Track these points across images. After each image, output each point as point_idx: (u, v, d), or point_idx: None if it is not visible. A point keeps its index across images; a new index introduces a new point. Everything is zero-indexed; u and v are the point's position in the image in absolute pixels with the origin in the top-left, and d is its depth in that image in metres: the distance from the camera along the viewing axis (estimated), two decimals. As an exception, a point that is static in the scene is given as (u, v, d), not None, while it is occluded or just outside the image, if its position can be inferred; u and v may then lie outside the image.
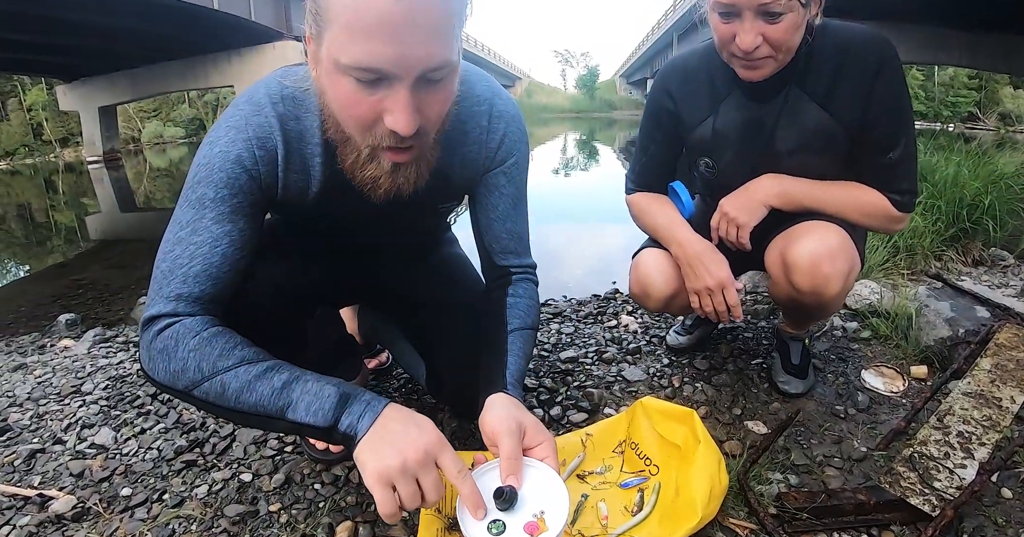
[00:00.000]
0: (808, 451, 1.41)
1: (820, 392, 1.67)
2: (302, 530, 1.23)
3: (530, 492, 0.94)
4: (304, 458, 1.44)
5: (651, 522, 1.15)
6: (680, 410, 1.25)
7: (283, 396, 0.87)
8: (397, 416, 0.88)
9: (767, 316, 2.21)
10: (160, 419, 1.70)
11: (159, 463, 1.50)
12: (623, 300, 2.56)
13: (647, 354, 1.99)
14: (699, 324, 1.97)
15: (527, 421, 0.99)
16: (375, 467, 0.82)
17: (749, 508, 1.20)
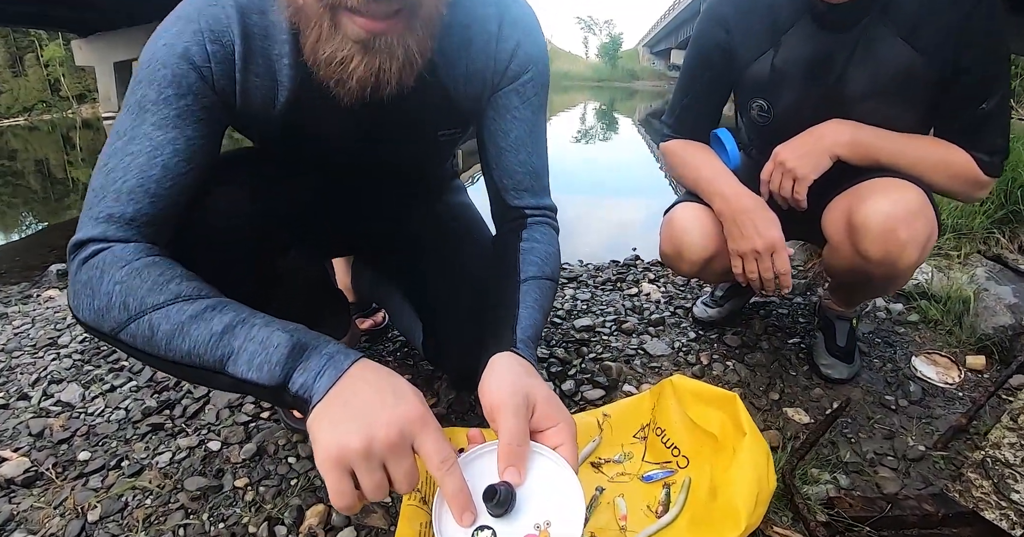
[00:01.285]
0: (857, 447, 1.25)
1: (867, 379, 1.50)
2: (268, 511, 1.06)
3: (534, 492, 0.70)
4: (280, 427, 1.27)
5: (679, 527, 0.97)
6: (719, 393, 1.06)
7: (223, 343, 0.67)
8: (368, 377, 0.67)
9: (803, 292, 2.02)
10: (133, 376, 1.55)
11: (124, 425, 1.35)
12: (644, 267, 2.37)
13: (671, 326, 1.80)
14: (730, 296, 1.79)
15: (538, 393, 0.75)
16: (328, 446, 0.61)
17: (795, 513, 1.02)
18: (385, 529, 1.02)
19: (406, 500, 0.93)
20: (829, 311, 1.53)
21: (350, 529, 1.02)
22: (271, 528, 1.02)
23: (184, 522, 1.06)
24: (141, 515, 1.08)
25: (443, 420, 1.28)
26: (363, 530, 1.02)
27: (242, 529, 1.03)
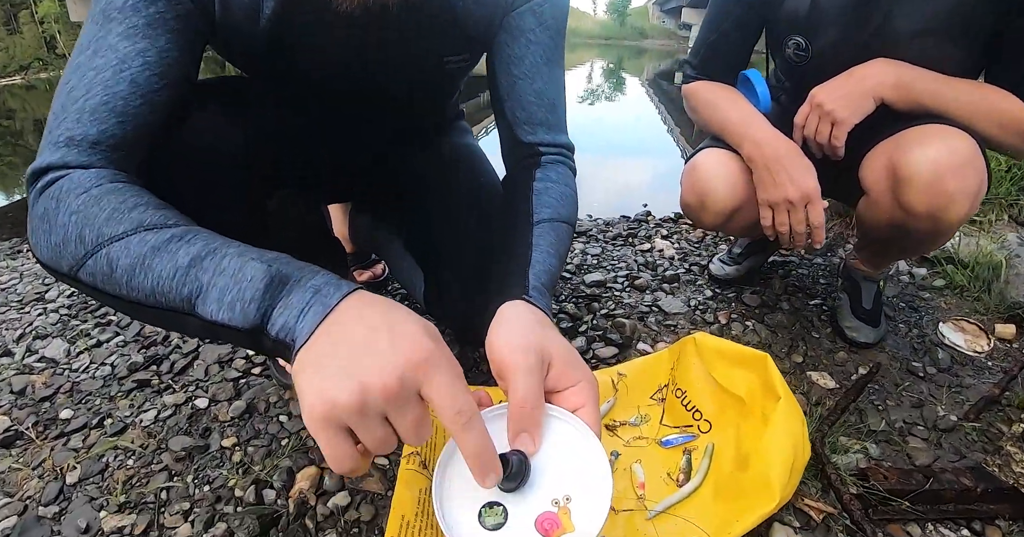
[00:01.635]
0: (885, 414, 1.17)
1: (892, 344, 1.42)
2: (256, 473, 0.99)
3: (551, 463, 0.60)
4: (272, 383, 1.19)
5: (703, 496, 0.89)
6: (748, 352, 0.97)
7: (190, 279, 0.56)
8: (363, 313, 0.53)
9: (824, 252, 1.93)
10: (120, 331, 1.48)
11: (109, 381, 1.27)
12: (656, 224, 2.27)
13: (687, 283, 1.72)
14: (749, 253, 1.69)
15: (554, 347, 0.64)
16: (313, 403, 0.49)
17: (826, 485, 0.94)
18: (382, 494, 0.95)
19: (404, 464, 0.85)
20: (855, 272, 1.44)
21: (344, 494, 0.94)
22: (259, 491, 0.95)
23: (167, 484, 0.99)
24: (122, 477, 1.01)
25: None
26: (358, 495, 0.95)
27: (228, 492, 0.96)
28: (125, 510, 0.95)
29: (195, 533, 0.90)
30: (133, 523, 0.93)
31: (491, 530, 0.56)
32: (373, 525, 0.91)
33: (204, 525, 0.91)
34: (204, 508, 0.94)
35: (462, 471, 0.57)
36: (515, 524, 0.57)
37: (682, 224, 2.20)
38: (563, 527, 0.56)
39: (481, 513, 0.57)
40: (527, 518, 0.57)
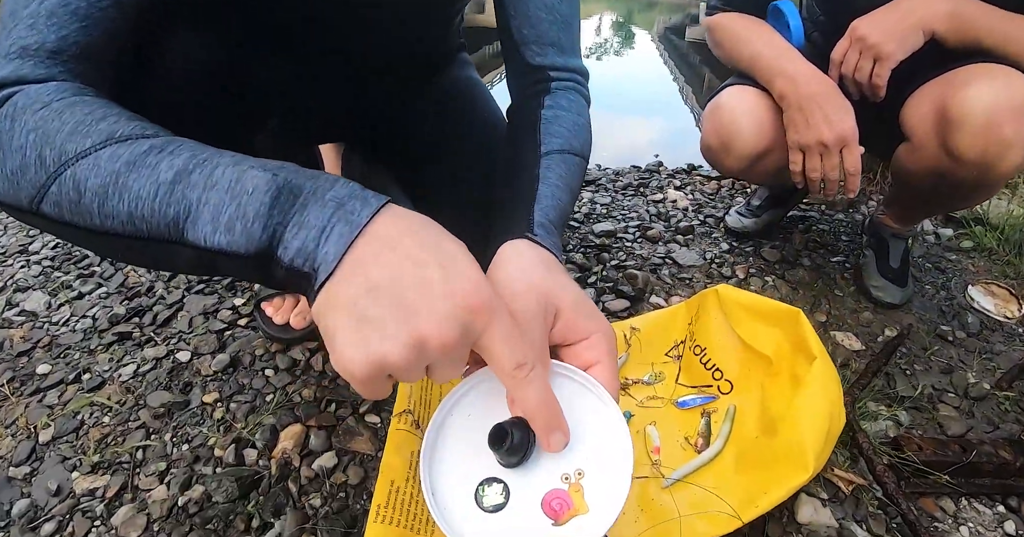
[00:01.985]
0: (913, 380, 1.10)
1: (919, 306, 1.33)
2: (238, 431, 0.91)
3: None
4: (258, 335, 1.11)
5: (724, 464, 0.81)
6: (777, 307, 0.88)
7: (176, 197, 0.43)
8: (405, 239, 0.42)
9: (845, 208, 1.83)
10: (103, 282, 1.40)
11: (90, 335, 1.20)
12: (668, 175, 2.16)
13: (702, 236, 1.62)
14: (769, 206, 1.59)
15: (564, 293, 0.52)
16: (357, 362, 0.39)
17: (856, 452, 0.87)
18: (372, 455, 0.87)
19: (395, 424, 0.77)
20: (883, 228, 1.35)
21: (330, 454, 0.87)
22: (239, 451, 0.88)
23: (143, 443, 0.92)
24: (97, 435, 0.94)
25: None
26: (346, 456, 0.87)
27: (207, 452, 0.89)
28: (99, 470, 0.89)
29: (171, 496, 0.83)
30: (106, 485, 0.86)
31: (490, 512, 0.46)
32: (361, 489, 0.83)
33: (180, 487, 0.84)
34: (181, 469, 0.87)
35: (457, 439, 0.49)
36: (518, 505, 0.46)
37: (696, 176, 2.10)
38: (575, 508, 0.46)
39: (478, 491, 0.47)
40: (532, 497, 0.47)
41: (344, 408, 0.96)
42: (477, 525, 0.46)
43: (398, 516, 0.70)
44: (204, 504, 0.82)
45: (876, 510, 0.83)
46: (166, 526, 0.80)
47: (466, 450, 0.48)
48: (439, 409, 0.50)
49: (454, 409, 0.50)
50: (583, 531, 0.45)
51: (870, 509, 0.83)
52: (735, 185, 1.96)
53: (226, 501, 0.81)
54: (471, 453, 0.48)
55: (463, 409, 0.50)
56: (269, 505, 0.81)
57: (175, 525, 0.80)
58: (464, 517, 0.46)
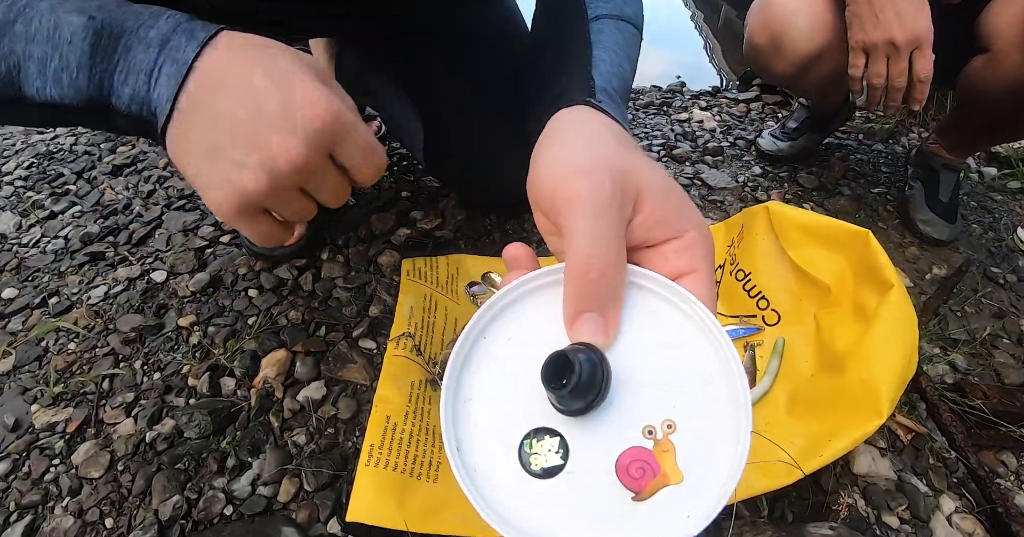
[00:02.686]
0: (965, 322, 1.00)
1: (967, 245, 1.21)
2: (215, 357, 0.79)
3: (642, 366, 0.34)
4: (242, 253, 0.98)
5: (775, 405, 0.70)
6: (841, 227, 0.77)
7: (3, 51, 0.41)
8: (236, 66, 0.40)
9: (885, 138, 1.69)
10: (77, 201, 1.27)
11: (61, 256, 1.08)
12: (692, 96, 1.99)
13: (732, 158, 1.49)
14: (806, 129, 1.46)
15: (647, 174, 0.37)
16: (219, 199, 0.40)
17: (919, 397, 0.78)
18: (366, 386, 0.75)
19: (391, 349, 0.65)
20: (934, 158, 1.23)
21: (318, 384, 0.75)
22: (215, 381, 0.76)
23: (110, 372, 0.81)
24: (61, 363, 0.83)
25: (450, 247, 0.99)
26: (336, 386, 0.75)
27: (180, 381, 0.78)
28: (61, 402, 0.79)
29: (138, 431, 0.73)
30: (68, 418, 0.76)
31: (539, 477, 0.32)
32: (353, 424, 0.72)
33: (149, 421, 0.73)
34: (151, 401, 0.76)
35: (493, 373, 0.35)
36: (581, 468, 0.32)
37: (722, 98, 1.93)
38: (663, 475, 0.31)
39: (523, 447, 0.33)
40: (602, 459, 0.32)
41: (336, 332, 0.83)
42: (520, 494, 0.32)
43: (394, 459, 0.58)
44: (174, 440, 0.71)
45: (937, 462, 0.74)
46: (131, 465, 0.69)
47: (507, 388, 0.34)
48: (467, 329, 0.35)
49: (489, 329, 0.35)
50: (675, 508, 0.31)
51: (931, 461, 0.74)
52: (765, 108, 1.82)
53: (198, 437, 0.70)
54: (514, 393, 0.34)
55: (501, 329, 0.35)
56: (246, 442, 0.69)
57: (141, 464, 0.69)
58: (502, 482, 0.32)
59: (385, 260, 0.95)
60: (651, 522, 0.30)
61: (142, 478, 0.68)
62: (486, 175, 0.92)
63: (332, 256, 0.97)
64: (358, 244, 0.99)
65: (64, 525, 0.65)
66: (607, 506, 0.31)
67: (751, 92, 1.93)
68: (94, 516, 0.66)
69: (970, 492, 0.71)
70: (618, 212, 0.34)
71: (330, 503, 0.64)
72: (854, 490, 0.70)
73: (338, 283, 0.92)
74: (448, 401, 0.33)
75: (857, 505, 0.68)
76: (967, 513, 0.69)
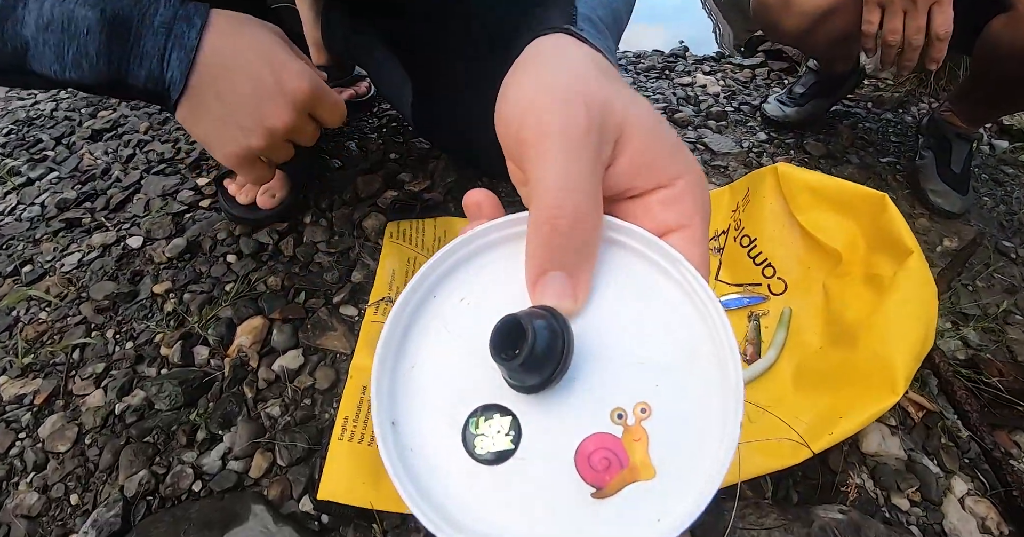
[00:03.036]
0: (976, 296, 0.96)
1: (978, 217, 1.18)
2: (191, 325, 0.75)
3: (615, 336, 0.28)
4: (222, 217, 0.94)
5: (781, 379, 0.66)
6: (856, 190, 0.72)
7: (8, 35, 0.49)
8: (236, 51, 0.54)
9: (895, 107, 1.64)
10: (55, 167, 1.23)
11: (37, 223, 1.04)
12: (695, 61, 1.92)
13: (736, 123, 1.44)
14: (813, 95, 1.41)
15: (632, 109, 0.30)
16: (229, 151, 0.58)
17: (931, 371, 0.74)
18: (346, 355, 0.71)
19: (370, 315, 0.62)
20: (947, 127, 1.18)
21: (295, 353, 0.71)
22: (187, 350, 0.72)
23: (82, 341, 0.77)
24: (32, 333, 0.80)
25: (439, 210, 0.94)
26: (314, 354, 0.71)
27: (152, 350, 0.74)
28: (29, 374, 0.76)
29: (107, 403, 0.69)
30: (36, 390, 0.73)
31: (484, 462, 0.27)
32: (331, 395, 0.68)
33: (118, 392, 0.70)
34: (122, 371, 0.72)
35: (439, 337, 0.29)
36: (534, 455, 0.27)
37: (725, 63, 1.87)
38: (633, 468, 0.26)
39: (468, 426, 0.27)
40: (560, 446, 0.27)
41: (316, 298, 0.79)
42: (460, 481, 0.27)
43: (369, 432, 0.55)
44: (144, 412, 0.67)
45: (948, 442, 0.71)
46: (99, 439, 0.66)
47: (457, 357, 0.29)
48: (412, 285, 0.29)
49: (440, 286, 0.30)
50: (644, 509, 0.25)
51: (943, 440, 0.71)
52: (771, 74, 1.77)
53: (169, 409, 0.66)
54: (465, 363, 0.29)
55: (454, 288, 0.30)
56: (218, 414, 0.65)
57: (109, 437, 0.65)
58: (440, 466, 0.27)
59: (370, 224, 0.90)
60: (613, 524, 0.25)
61: (109, 452, 0.64)
62: (477, 137, 0.88)
63: (315, 220, 0.92)
64: (343, 207, 0.94)
65: (28, 501, 0.62)
66: (562, 502, 0.26)
67: (756, 58, 1.87)
68: (59, 492, 0.62)
69: (983, 474, 0.68)
70: (595, 151, 0.28)
71: (303, 479, 0.60)
72: (862, 470, 0.66)
73: (320, 248, 0.87)
74: (385, 366, 0.28)
75: (865, 486, 0.65)
76: (980, 496, 0.66)
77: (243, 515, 0.53)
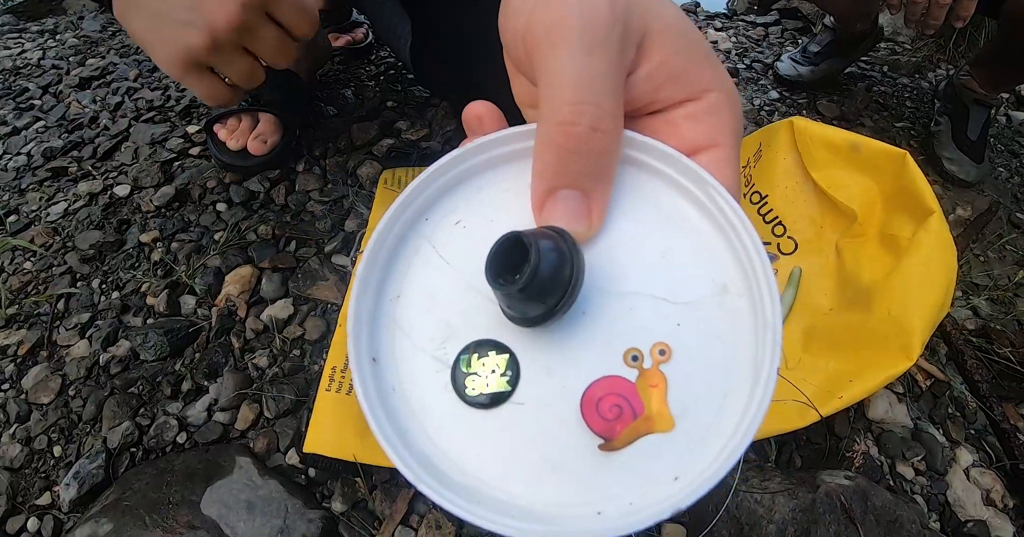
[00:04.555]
0: (988, 267, 0.95)
1: (992, 188, 1.15)
2: (178, 274, 0.72)
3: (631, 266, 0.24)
4: (212, 165, 0.90)
5: (790, 340, 0.65)
6: (876, 147, 0.69)
7: None
8: None
9: (911, 72, 1.61)
10: (42, 115, 1.19)
11: (23, 173, 1.02)
12: (707, 17, 1.88)
13: (748, 81, 1.41)
14: (829, 54, 1.38)
15: (658, 8, 0.25)
16: (165, 54, 0.50)
17: (940, 338, 0.73)
18: (336, 305, 0.69)
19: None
20: (965, 92, 1.15)
21: (285, 302, 0.69)
22: (174, 299, 0.70)
23: (67, 291, 0.75)
24: (16, 283, 0.78)
25: (437, 157, 0.90)
26: (304, 304, 0.69)
27: (138, 300, 0.72)
28: (13, 325, 0.74)
29: (91, 353, 0.67)
30: (20, 341, 0.72)
31: (477, 406, 0.24)
32: (320, 346, 0.66)
33: (103, 343, 0.67)
34: (107, 321, 0.70)
35: (427, 262, 0.26)
36: (534, 399, 0.23)
37: (738, 21, 1.82)
38: (647, 418, 0.22)
39: (458, 364, 0.24)
40: (563, 389, 0.23)
41: (307, 247, 0.76)
42: (448, 426, 0.24)
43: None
44: (129, 363, 0.65)
45: (955, 411, 0.70)
46: (83, 390, 0.64)
47: (445, 286, 0.25)
48: (399, 203, 0.25)
49: (433, 208, 0.26)
50: (658, 466, 0.22)
51: (949, 410, 0.70)
52: (784, 33, 1.72)
53: (154, 359, 0.64)
54: (459, 294, 0.25)
55: (449, 209, 0.26)
56: (204, 365, 0.64)
57: (93, 389, 0.64)
58: (424, 411, 0.24)
59: (365, 172, 0.87)
60: (623, 482, 0.22)
61: (93, 403, 0.62)
62: (479, 82, 0.84)
63: (308, 168, 0.89)
64: (337, 155, 0.91)
65: (11, 453, 0.61)
66: (564, 454, 0.23)
67: (770, 16, 1.82)
68: (42, 444, 0.61)
69: (989, 446, 0.67)
70: (618, 51, 0.24)
71: (291, 432, 0.58)
72: (867, 437, 0.65)
73: (313, 196, 0.84)
74: (364, 294, 0.25)
75: (870, 452, 0.63)
76: (985, 467, 0.65)
77: (227, 467, 0.51)
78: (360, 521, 0.52)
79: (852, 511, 0.46)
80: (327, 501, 0.54)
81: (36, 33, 1.91)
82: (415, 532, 0.51)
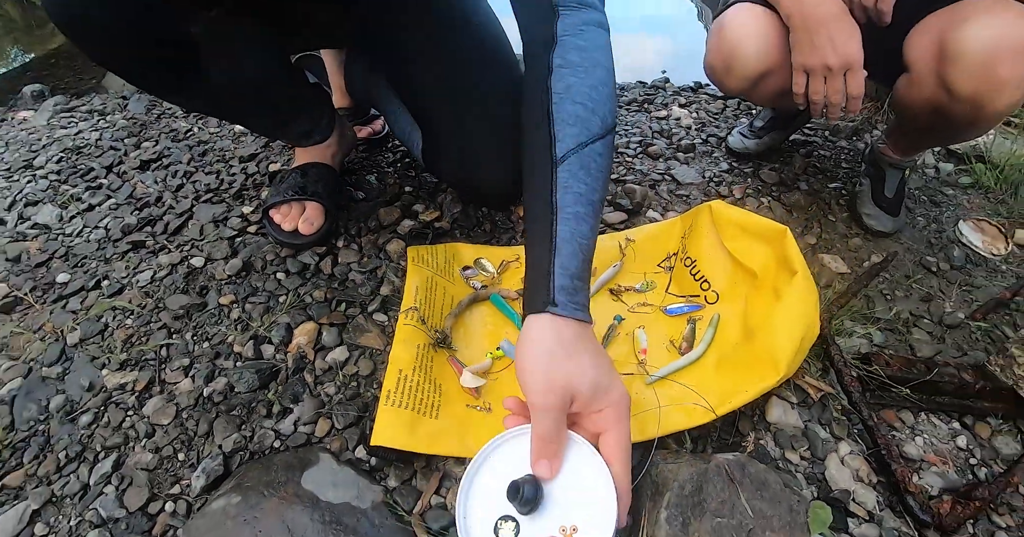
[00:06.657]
0: (893, 304, 1.12)
1: (908, 236, 1.33)
2: (254, 329, 0.97)
3: (566, 490, 0.62)
4: (268, 241, 1.15)
5: (706, 366, 0.87)
6: (767, 224, 0.91)
7: None
8: None
9: (849, 135, 1.80)
10: (112, 194, 1.42)
11: (104, 244, 1.23)
12: (674, 91, 2.11)
13: (703, 155, 1.61)
14: (771, 128, 1.57)
15: (581, 380, 0.62)
16: None
17: (828, 365, 0.92)
18: (380, 350, 0.94)
19: (402, 320, 0.83)
20: (882, 157, 1.33)
21: (342, 349, 0.93)
22: (257, 347, 0.94)
23: (166, 342, 0.97)
24: (122, 336, 0.99)
25: (447, 236, 1.16)
26: (356, 350, 0.94)
27: (227, 348, 0.95)
28: (126, 368, 0.95)
29: (196, 388, 0.90)
30: (135, 380, 0.92)
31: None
32: (371, 379, 0.90)
33: (205, 379, 0.90)
34: (204, 364, 0.93)
35: (487, 482, 0.64)
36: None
37: (702, 94, 2.05)
38: None
39: (497, 525, 0.61)
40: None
41: (353, 307, 1.01)
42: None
43: (406, 400, 0.77)
44: (228, 394, 0.88)
45: (840, 416, 0.88)
46: (194, 414, 0.87)
47: (492, 492, 0.62)
48: (479, 454, 0.65)
49: (491, 456, 0.65)
50: None
51: (835, 414, 0.88)
52: (741, 105, 1.93)
53: (248, 391, 0.88)
54: (496, 495, 0.61)
55: (497, 458, 0.65)
56: (287, 394, 0.88)
57: (203, 413, 0.87)
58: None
59: (392, 247, 1.12)
60: None
61: (205, 422, 0.85)
62: (476, 174, 1.05)
63: (347, 244, 1.14)
64: (369, 234, 1.16)
65: (145, 459, 0.82)
66: None
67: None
68: (169, 452, 0.83)
69: (864, 440, 0.85)
70: (559, 413, 0.61)
71: (356, 437, 0.82)
72: (766, 434, 0.85)
73: (353, 267, 1.09)
74: (463, 491, 0.62)
75: (768, 446, 0.84)
76: (858, 455, 0.83)
77: (314, 461, 0.75)
78: (406, 492, 0.76)
79: (733, 475, 0.70)
80: (384, 481, 0.77)
81: (86, 113, 2.11)
82: (444, 499, 0.76)
